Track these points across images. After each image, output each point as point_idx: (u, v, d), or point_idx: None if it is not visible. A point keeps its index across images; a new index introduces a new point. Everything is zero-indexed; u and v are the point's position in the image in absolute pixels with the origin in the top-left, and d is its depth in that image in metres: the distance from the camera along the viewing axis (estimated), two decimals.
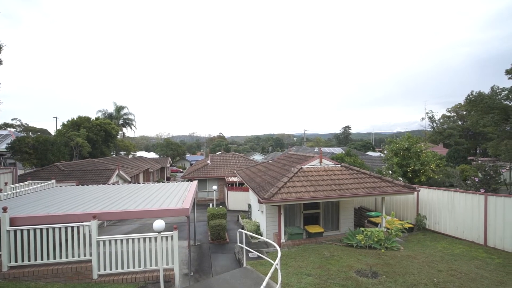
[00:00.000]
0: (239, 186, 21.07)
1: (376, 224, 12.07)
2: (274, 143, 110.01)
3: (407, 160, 16.34)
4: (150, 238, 7.02)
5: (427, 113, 51.05)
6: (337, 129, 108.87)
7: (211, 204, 15.09)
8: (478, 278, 6.85)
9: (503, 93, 22.09)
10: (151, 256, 7.04)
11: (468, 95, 24.47)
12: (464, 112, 46.02)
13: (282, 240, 10.58)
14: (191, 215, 9.20)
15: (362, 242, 7.50)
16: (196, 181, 12.68)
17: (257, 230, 12.57)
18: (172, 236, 7.03)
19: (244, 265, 8.46)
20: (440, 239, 10.78)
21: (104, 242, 6.92)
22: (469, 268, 7.54)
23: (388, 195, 11.08)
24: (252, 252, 9.21)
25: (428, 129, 51.02)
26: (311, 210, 11.93)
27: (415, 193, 11.59)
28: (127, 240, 6.97)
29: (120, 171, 20.16)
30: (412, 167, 15.99)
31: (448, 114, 53.16)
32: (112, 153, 39.71)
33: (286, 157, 16.14)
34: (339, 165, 12.52)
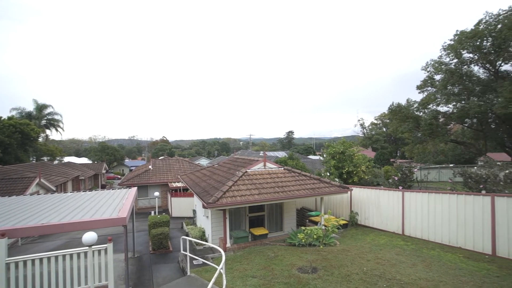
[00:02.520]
0: (183, 192, 20.28)
1: (316, 223, 12.92)
2: (220, 147, 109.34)
3: (342, 162, 17.96)
4: (78, 254, 6.23)
5: (358, 120, 57.36)
6: (282, 134, 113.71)
7: (152, 212, 14.17)
8: (397, 263, 7.89)
9: (415, 105, 26.09)
10: (79, 275, 6.24)
11: (390, 106, 28.18)
12: (387, 120, 52.93)
13: (228, 244, 10.53)
14: (129, 224, 8.49)
15: (303, 241, 7.95)
16: (136, 188, 11.78)
17: (202, 236, 12.26)
18: (106, 249, 6.37)
19: (188, 273, 8.17)
20: (369, 232, 12.09)
21: (16, 264, 5.86)
22: (390, 255, 8.63)
23: (326, 195, 12.00)
24: (197, 259, 8.93)
25: (360, 135, 57.12)
26: (256, 213, 12.16)
27: (349, 192, 12.79)
28: (48, 258, 6.04)
29: (42, 180, 17.51)
30: (346, 169, 17.63)
31: (375, 121, 60.41)
32: (31, 159, 34.23)
33: (232, 161, 16.20)
34: (282, 168, 13.09)
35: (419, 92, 26.59)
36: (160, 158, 34.43)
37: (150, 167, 25.57)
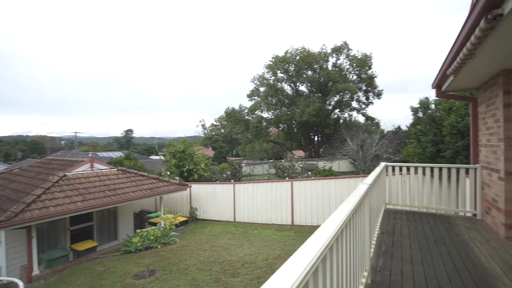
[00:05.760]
0: None
1: (156, 224, 12.43)
2: (29, 148, 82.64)
3: (183, 161, 18.33)
4: None
5: (200, 121, 60.59)
6: (119, 133, 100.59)
7: None
8: (229, 247, 9.00)
9: (246, 111, 30.80)
10: None
11: (226, 109, 31.75)
12: (225, 122, 59.29)
13: (36, 272, 8.13)
14: None
15: (139, 244, 7.47)
16: None
17: None
18: None
19: None
20: (207, 224, 13.03)
21: None
22: (224, 241, 9.72)
23: (166, 194, 11.82)
24: None
25: (201, 135, 60.50)
26: (82, 224, 10.15)
27: (188, 189, 13.23)
28: None
29: None
30: (187, 167, 18.12)
31: (215, 123, 65.98)
32: None
33: (44, 163, 12.68)
34: (115, 169, 11.69)
35: (249, 100, 31.69)
36: None
37: None
